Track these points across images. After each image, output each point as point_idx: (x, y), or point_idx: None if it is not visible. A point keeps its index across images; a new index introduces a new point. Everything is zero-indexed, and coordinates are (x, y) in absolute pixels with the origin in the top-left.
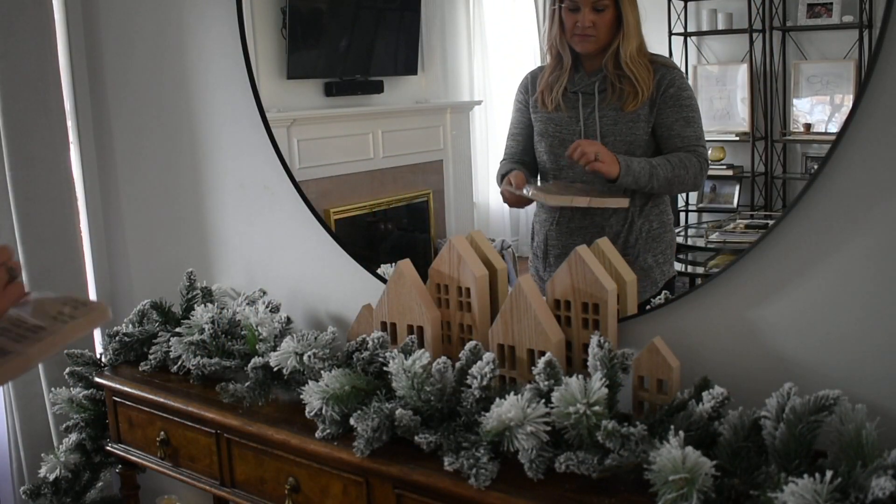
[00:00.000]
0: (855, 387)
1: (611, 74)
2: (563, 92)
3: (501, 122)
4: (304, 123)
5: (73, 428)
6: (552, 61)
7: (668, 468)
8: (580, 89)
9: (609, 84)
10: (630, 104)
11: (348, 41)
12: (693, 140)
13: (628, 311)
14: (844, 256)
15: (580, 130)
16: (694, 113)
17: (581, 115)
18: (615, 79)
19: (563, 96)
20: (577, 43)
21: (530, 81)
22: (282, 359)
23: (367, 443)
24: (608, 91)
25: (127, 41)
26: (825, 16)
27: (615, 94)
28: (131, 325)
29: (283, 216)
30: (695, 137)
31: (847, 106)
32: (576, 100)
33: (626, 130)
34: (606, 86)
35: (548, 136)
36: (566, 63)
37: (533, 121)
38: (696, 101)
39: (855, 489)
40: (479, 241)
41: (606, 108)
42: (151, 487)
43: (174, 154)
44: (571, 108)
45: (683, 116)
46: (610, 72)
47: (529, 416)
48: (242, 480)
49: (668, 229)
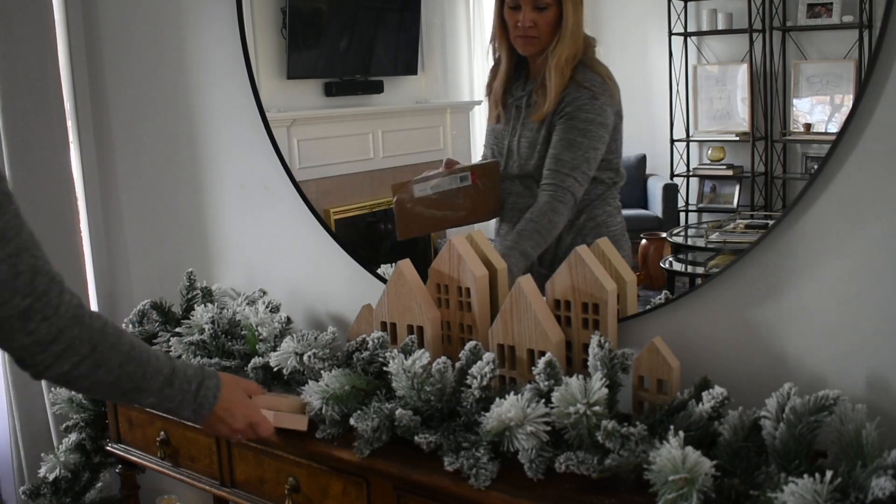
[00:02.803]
0: (855, 387)
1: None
2: (504, 100)
3: None
4: (304, 123)
5: (73, 428)
6: (494, 64)
7: (668, 468)
8: (515, 101)
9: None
10: (538, 117)
11: (348, 41)
12: (563, 170)
13: (628, 311)
14: (844, 256)
15: (506, 147)
16: (584, 139)
17: (509, 129)
18: (538, 89)
19: (503, 105)
20: (519, 44)
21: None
22: (282, 359)
23: (367, 443)
24: (532, 104)
25: (127, 41)
26: (825, 16)
27: (534, 106)
28: (131, 325)
29: (283, 216)
30: (569, 165)
31: (847, 106)
32: (511, 109)
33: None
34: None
35: (488, 147)
36: (505, 65)
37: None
38: (596, 130)
39: (855, 489)
40: (479, 241)
41: (528, 123)
42: (151, 487)
43: (174, 154)
44: (508, 120)
45: (569, 138)
46: (539, 81)
47: (529, 416)
48: (242, 480)
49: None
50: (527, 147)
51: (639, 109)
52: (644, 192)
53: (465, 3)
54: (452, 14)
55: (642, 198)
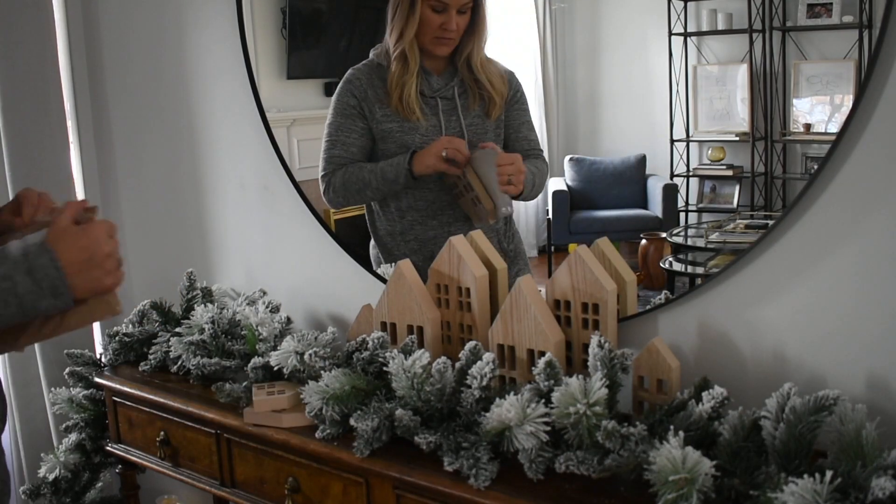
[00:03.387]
0: (855, 387)
1: (467, 79)
2: (419, 97)
3: None
4: (304, 123)
5: (72, 428)
6: (397, 64)
7: (668, 468)
8: (438, 94)
9: (467, 88)
10: (493, 111)
11: (348, 41)
12: (536, 143)
13: (628, 311)
14: (844, 256)
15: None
16: (530, 118)
17: (443, 122)
18: (472, 84)
19: (419, 102)
20: (435, 45)
21: (362, 86)
22: (282, 358)
23: (367, 443)
24: (469, 96)
25: (127, 41)
26: (825, 16)
27: (476, 99)
28: (131, 325)
29: (283, 216)
30: (536, 141)
31: (847, 106)
32: (435, 105)
33: (492, 138)
34: (465, 89)
35: (415, 147)
36: (413, 66)
37: (383, 130)
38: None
39: (855, 489)
40: (479, 241)
41: (471, 116)
42: (151, 487)
43: (174, 154)
44: (432, 115)
45: (527, 120)
46: (465, 76)
47: (529, 416)
48: (242, 480)
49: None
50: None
51: (639, 109)
52: (644, 192)
53: None
54: None
55: (642, 198)
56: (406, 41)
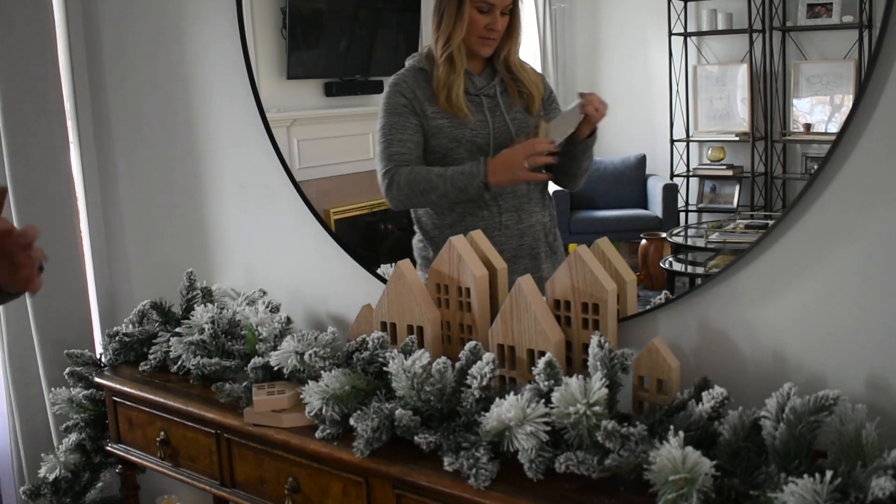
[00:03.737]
0: (855, 387)
1: (506, 78)
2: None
3: None
4: (304, 123)
5: (73, 428)
6: (444, 66)
7: (668, 468)
8: (482, 92)
9: (507, 87)
10: (532, 107)
11: (348, 41)
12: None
13: (628, 311)
14: (844, 256)
15: (490, 133)
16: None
17: (488, 118)
18: (510, 82)
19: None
20: (479, 45)
21: (409, 87)
22: (282, 358)
23: (367, 443)
24: (509, 94)
25: (126, 41)
26: (825, 16)
27: (516, 97)
28: (131, 325)
29: (283, 216)
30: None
31: (847, 106)
32: (480, 103)
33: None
34: (505, 87)
35: (465, 141)
36: (460, 67)
37: (433, 127)
38: None
39: (855, 489)
40: (479, 241)
41: (513, 112)
42: (151, 487)
43: (174, 154)
44: (478, 111)
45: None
46: (504, 76)
47: (529, 416)
48: (242, 480)
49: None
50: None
51: (639, 109)
52: (644, 192)
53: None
54: None
55: (642, 198)
56: (454, 44)
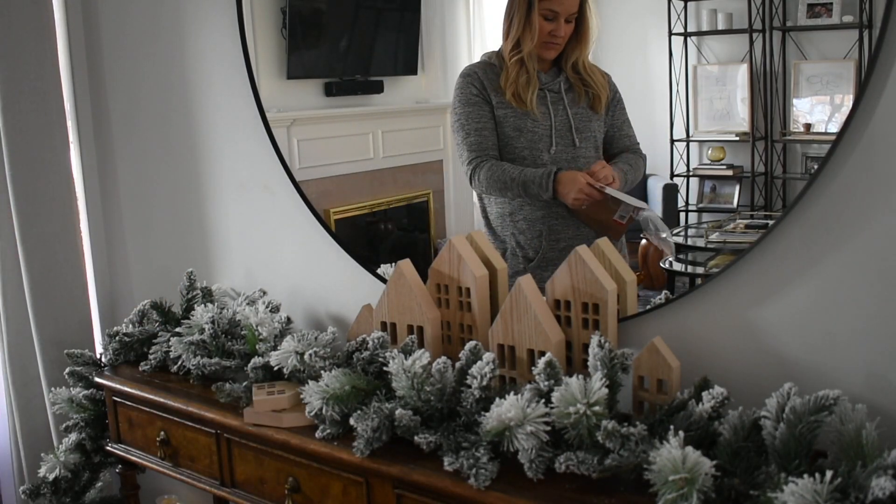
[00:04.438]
0: (855, 387)
1: (572, 78)
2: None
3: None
4: (304, 123)
5: (73, 428)
6: (514, 68)
7: (668, 468)
8: (546, 87)
9: (572, 85)
10: (598, 106)
11: (348, 41)
12: (635, 139)
13: (628, 311)
14: (844, 256)
15: (552, 125)
16: (628, 116)
17: (551, 111)
18: (577, 82)
19: (531, 97)
20: (543, 49)
21: (478, 78)
22: (282, 358)
23: (367, 443)
24: (574, 92)
25: (127, 41)
26: (825, 16)
27: (582, 96)
28: (131, 325)
29: (283, 216)
30: (635, 137)
31: (847, 106)
32: (544, 97)
33: (595, 129)
34: (570, 85)
35: (526, 132)
36: (532, 67)
37: (499, 115)
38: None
39: (855, 489)
40: (479, 241)
41: (577, 107)
42: (151, 487)
43: (174, 154)
44: (542, 105)
45: (627, 119)
46: (570, 75)
47: (529, 416)
48: (242, 480)
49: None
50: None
51: (639, 109)
52: (644, 192)
53: (466, 3)
54: (452, 14)
55: (642, 198)
56: (525, 50)
